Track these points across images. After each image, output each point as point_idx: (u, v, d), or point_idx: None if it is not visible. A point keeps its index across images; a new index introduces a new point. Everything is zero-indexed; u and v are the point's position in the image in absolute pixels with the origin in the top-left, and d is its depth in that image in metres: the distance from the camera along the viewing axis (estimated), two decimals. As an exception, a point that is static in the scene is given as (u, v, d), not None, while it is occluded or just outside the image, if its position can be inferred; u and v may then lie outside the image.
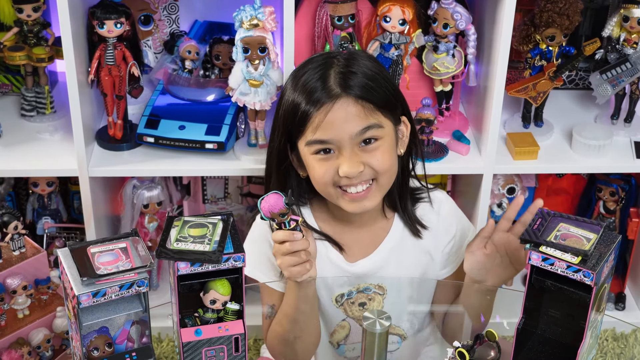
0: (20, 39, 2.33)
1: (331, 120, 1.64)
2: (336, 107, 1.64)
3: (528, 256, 1.41)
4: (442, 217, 1.86)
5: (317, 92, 1.65)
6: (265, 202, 1.50)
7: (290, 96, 1.70)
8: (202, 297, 1.45)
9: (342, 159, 1.66)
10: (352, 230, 1.82)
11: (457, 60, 2.24)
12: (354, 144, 1.66)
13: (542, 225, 1.44)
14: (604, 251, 1.39)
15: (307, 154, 1.69)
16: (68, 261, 1.39)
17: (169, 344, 2.42)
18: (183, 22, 2.52)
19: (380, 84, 1.69)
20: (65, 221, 2.53)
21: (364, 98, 1.65)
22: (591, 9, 2.52)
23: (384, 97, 1.68)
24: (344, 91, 1.64)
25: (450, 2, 2.17)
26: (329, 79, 1.66)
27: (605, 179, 2.50)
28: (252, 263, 1.77)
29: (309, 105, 1.65)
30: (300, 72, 1.72)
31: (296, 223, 1.55)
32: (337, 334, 1.86)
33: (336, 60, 1.70)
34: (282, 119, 1.72)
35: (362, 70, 1.68)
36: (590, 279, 1.35)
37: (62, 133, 2.33)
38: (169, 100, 2.31)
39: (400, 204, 1.81)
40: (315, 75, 1.67)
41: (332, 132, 1.65)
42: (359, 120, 1.65)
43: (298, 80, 1.70)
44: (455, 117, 2.40)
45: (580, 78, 2.60)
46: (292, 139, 1.72)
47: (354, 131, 1.65)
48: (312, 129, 1.66)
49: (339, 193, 1.70)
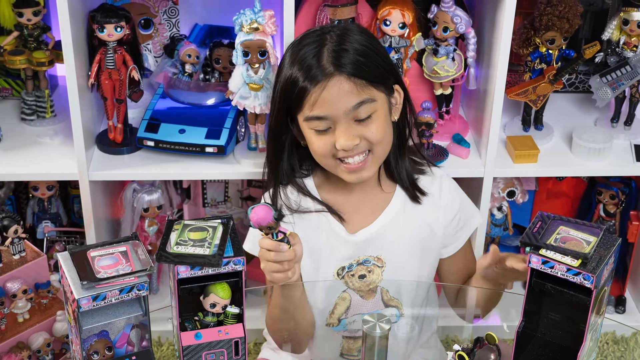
0: (20, 43, 2.33)
1: (326, 97, 1.71)
2: (330, 84, 1.71)
3: (528, 259, 1.41)
4: (443, 191, 1.90)
5: (312, 69, 1.72)
6: (254, 213, 1.49)
7: (287, 71, 1.76)
8: (202, 301, 1.45)
9: (338, 133, 1.73)
10: (353, 200, 1.87)
11: (457, 64, 2.24)
12: (348, 118, 1.73)
13: (542, 228, 1.44)
14: (604, 254, 1.39)
15: (305, 128, 1.77)
16: (68, 265, 1.39)
17: (169, 347, 2.42)
18: (183, 26, 2.52)
19: (371, 58, 1.76)
20: (66, 225, 2.53)
21: (356, 75, 1.72)
22: (591, 12, 2.52)
23: (375, 71, 1.75)
24: (336, 69, 1.71)
25: (450, 6, 2.17)
26: (323, 57, 1.73)
27: (606, 182, 2.50)
28: (255, 240, 1.82)
29: (305, 82, 1.72)
30: (297, 47, 1.78)
31: (284, 235, 1.55)
32: (337, 307, 1.88)
33: (329, 36, 1.76)
34: (280, 93, 1.79)
35: (354, 46, 1.74)
36: (590, 282, 1.35)
37: (62, 137, 2.33)
38: (169, 104, 2.31)
39: (398, 170, 1.87)
40: (310, 52, 1.74)
41: (328, 109, 1.72)
42: (352, 97, 1.72)
43: (295, 56, 1.76)
44: (455, 120, 2.40)
45: (580, 81, 2.60)
46: (292, 112, 1.79)
47: (348, 107, 1.72)
48: (309, 106, 1.73)
49: (338, 164, 1.78)
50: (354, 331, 1.89)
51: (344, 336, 1.90)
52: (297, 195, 1.87)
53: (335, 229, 1.85)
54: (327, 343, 1.92)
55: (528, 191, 2.56)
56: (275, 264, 1.60)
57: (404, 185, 1.88)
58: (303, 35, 1.81)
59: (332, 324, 1.88)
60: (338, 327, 1.89)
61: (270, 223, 1.51)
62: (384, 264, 1.87)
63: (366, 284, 1.87)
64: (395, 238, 1.86)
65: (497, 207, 2.50)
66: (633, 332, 2.47)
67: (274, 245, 1.56)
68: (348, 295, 1.87)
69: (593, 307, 1.39)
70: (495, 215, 2.50)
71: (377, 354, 1.52)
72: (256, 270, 2.40)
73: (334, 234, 1.85)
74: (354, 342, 1.90)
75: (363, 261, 1.86)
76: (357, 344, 1.90)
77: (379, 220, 1.86)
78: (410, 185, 1.87)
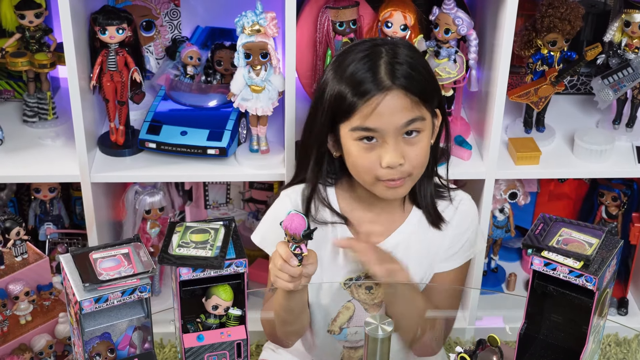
0: (22, 45, 2.33)
1: (381, 111, 1.68)
2: (387, 98, 1.68)
3: (530, 261, 1.41)
4: (458, 212, 1.88)
5: (367, 82, 1.69)
6: (290, 219, 1.51)
7: (336, 85, 1.73)
8: (204, 303, 1.45)
9: (386, 148, 1.71)
10: (371, 215, 1.85)
11: (458, 66, 2.24)
12: (398, 134, 1.71)
13: (544, 230, 1.44)
14: (606, 256, 1.39)
15: (349, 138, 1.73)
16: (70, 267, 1.39)
17: (171, 349, 2.42)
18: (185, 28, 2.52)
19: (423, 75, 1.74)
20: (67, 227, 2.53)
21: (411, 91, 1.70)
22: (592, 14, 2.52)
23: (425, 87, 1.74)
24: (393, 83, 1.69)
25: (452, 8, 2.17)
26: (380, 69, 1.70)
27: (607, 184, 2.50)
28: (265, 235, 1.86)
29: (358, 94, 1.69)
30: (345, 61, 1.74)
31: (300, 253, 1.56)
32: (340, 316, 1.87)
33: (384, 50, 1.73)
34: (328, 104, 1.74)
35: (408, 60, 1.73)
36: (592, 284, 1.35)
37: (64, 139, 2.33)
38: (170, 106, 2.31)
39: (422, 192, 1.85)
40: (364, 65, 1.71)
41: (380, 122, 1.69)
42: (406, 112, 1.70)
43: (345, 69, 1.73)
44: (457, 122, 2.40)
45: (581, 83, 2.60)
46: (335, 121, 1.76)
47: (401, 122, 1.70)
48: (360, 117, 1.70)
49: (378, 182, 1.75)
50: (355, 342, 1.88)
51: (345, 346, 1.90)
52: (317, 203, 1.85)
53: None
54: (328, 350, 1.91)
55: (530, 193, 2.56)
56: (280, 271, 1.60)
57: (425, 209, 1.85)
58: (350, 46, 1.79)
59: (333, 331, 1.88)
60: (339, 336, 1.88)
61: (296, 236, 1.52)
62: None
63: (372, 297, 1.86)
64: (403, 251, 1.85)
65: (499, 209, 2.50)
66: (636, 334, 2.47)
67: (286, 255, 1.56)
68: (352, 305, 1.86)
69: (595, 309, 1.39)
70: (497, 217, 2.50)
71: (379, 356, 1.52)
72: (258, 272, 2.40)
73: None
74: (354, 352, 1.89)
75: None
76: (358, 353, 1.89)
77: (392, 237, 1.85)
78: (432, 210, 1.85)
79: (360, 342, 1.87)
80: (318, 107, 1.77)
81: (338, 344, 1.89)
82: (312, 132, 1.80)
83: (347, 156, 1.76)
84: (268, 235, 1.86)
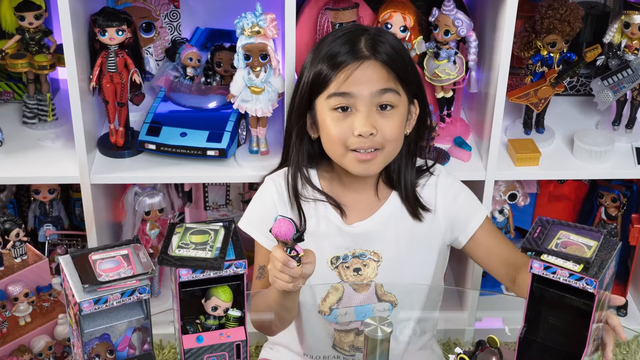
0: (22, 47, 2.34)
1: (356, 75, 1.74)
2: (363, 65, 1.74)
3: (530, 265, 1.40)
4: (439, 191, 1.90)
5: (343, 53, 1.75)
6: (277, 226, 1.51)
7: (313, 66, 1.78)
8: (203, 304, 1.45)
9: (358, 116, 1.74)
10: (352, 194, 1.88)
11: (458, 67, 2.24)
12: (372, 104, 1.74)
13: (542, 234, 1.44)
14: (605, 258, 1.39)
15: (325, 109, 1.77)
16: (69, 268, 1.39)
17: (171, 350, 2.42)
18: (184, 29, 2.53)
19: (404, 58, 1.80)
20: (67, 228, 2.53)
21: (390, 65, 1.75)
22: (592, 16, 2.52)
23: (405, 69, 1.79)
24: (372, 54, 1.75)
25: (452, 9, 2.17)
26: (359, 42, 1.76)
27: (607, 185, 2.50)
28: (251, 220, 1.89)
29: (334, 65, 1.75)
30: (323, 43, 1.81)
31: (297, 254, 1.56)
32: (330, 297, 1.88)
33: (368, 30, 1.80)
34: (306, 84, 1.79)
35: (390, 42, 1.79)
36: (593, 287, 1.35)
37: (64, 140, 2.33)
38: (170, 107, 2.31)
39: (400, 180, 1.87)
40: (342, 40, 1.77)
41: (356, 87, 1.74)
42: (381, 81, 1.75)
43: (322, 49, 1.79)
44: (456, 123, 2.40)
45: (581, 84, 2.61)
46: (313, 98, 1.80)
47: (375, 89, 1.74)
48: (337, 83, 1.74)
49: (348, 152, 1.78)
50: (344, 324, 1.90)
51: (336, 329, 1.90)
52: (299, 183, 1.87)
53: (332, 217, 1.86)
54: (319, 334, 1.93)
55: (529, 194, 2.56)
56: (280, 273, 1.60)
57: (404, 197, 1.87)
58: (328, 35, 1.85)
59: (323, 311, 1.89)
60: (329, 317, 1.89)
61: (287, 240, 1.52)
62: (380, 259, 1.87)
63: (360, 278, 1.87)
64: (392, 235, 1.87)
65: (499, 210, 2.50)
66: (635, 335, 2.47)
67: (284, 259, 1.56)
68: (341, 287, 1.88)
69: (595, 312, 1.39)
70: (496, 218, 2.50)
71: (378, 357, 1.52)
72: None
73: (330, 222, 1.86)
74: (345, 335, 1.91)
75: (359, 254, 1.87)
76: (348, 337, 1.90)
77: (375, 216, 1.87)
78: (412, 200, 1.87)
79: (351, 324, 1.89)
80: (297, 91, 1.83)
81: (328, 326, 1.90)
82: (292, 114, 1.85)
83: (322, 130, 1.80)
84: (256, 221, 1.88)
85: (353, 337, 1.91)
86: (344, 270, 1.88)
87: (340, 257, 1.87)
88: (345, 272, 1.88)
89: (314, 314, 1.89)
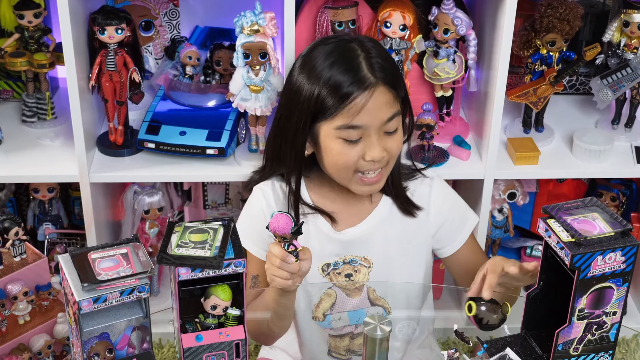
0: (21, 45, 2.34)
1: (368, 108, 1.71)
2: (374, 95, 1.71)
3: (537, 225, 1.43)
4: (432, 193, 1.89)
5: (350, 82, 1.70)
6: (275, 220, 1.51)
7: (313, 87, 1.72)
8: (202, 303, 1.45)
9: (369, 143, 1.73)
10: (341, 203, 1.87)
11: (457, 66, 2.24)
12: (380, 130, 1.74)
13: (577, 208, 1.44)
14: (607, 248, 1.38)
15: (330, 137, 1.74)
16: (69, 267, 1.39)
17: (170, 349, 2.42)
18: (184, 28, 2.53)
19: (392, 64, 1.79)
20: (66, 227, 2.53)
21: (391, 84, 1.73)
22: (591, 14, 2.52)
23: (399, 79, 1.77)
24: (376, 78, 1.71)
25: (451, 8, 2.17)
26: (361, 67, 1.72)
27: (606, 184, 2.50)
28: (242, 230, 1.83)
29: (341, 95, 1.70)
30: (317, 61, 1.74)
31: (295, 249, 1.56)
32: (323, 303, 1.88)
33: (356, 46, 1.75)
34: (307, 107, 1.74)
35: (379, 53, 1.76)
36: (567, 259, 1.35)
37: (63, 139, 2.33)
38: (169, 106, 2.31)
39: (389, 182, 1.86)
40: (341, 64, 1.71)
41: (366, 119, 1.71)
42: (388, 107, 1.73)
43: (321, 70, 1.72)
44: (455, 122, 2.40)
45: (580, 83, 2.61)
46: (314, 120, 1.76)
47: (385, 118, 1.73)
48: (346, 116, 1.71)
49: (354, 176, 1.77)
50: (339, 329, 1.90)
51: (330, 334, 1.90)
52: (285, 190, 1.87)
53: (321, 225, 1.86)
54: (315, 340, 1.93)
55: (529, 193, 2.56)
56: (279, 271, 1.60)
57: (395, 197, 1.87)
58: (317, 44, 1.79)
59: (317, 317, 1.89)
60: (323, 323, 1.89)
61: (286, 234, 1.52)
62: (371, 265, 1.87)
63: (352, 283, 1.87)
64: (382, 240, 1.87)
65: (498, 209, 2.50)
66: (634, 334, 2.47)
67: (282, 254, 1.57)
68: (334, 292, 1.88)
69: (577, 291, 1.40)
70: (495, 217, 2.50)
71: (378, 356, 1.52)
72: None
73: (319, 230, 1.86)
74: (340, 340, 1.91)
75: (350, 260, 1.87)
76: (344, 342, 1.90)
77: (366, 221, 1.87)
78: (403, 198, 1.87)
79: (345, 328, 1.89)
80: (292, 109, 1.77)
81: (323, 332, 1.90)
82: (286, 132, 1.79)
83: (326, 153, 1.77)
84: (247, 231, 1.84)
85: (348, 342, 1.91)
86: (335, 277, 1.87)
87: (331, 264, 1.87)
88: (337, 279, 1.88)
89: (308, 320, 1.89)
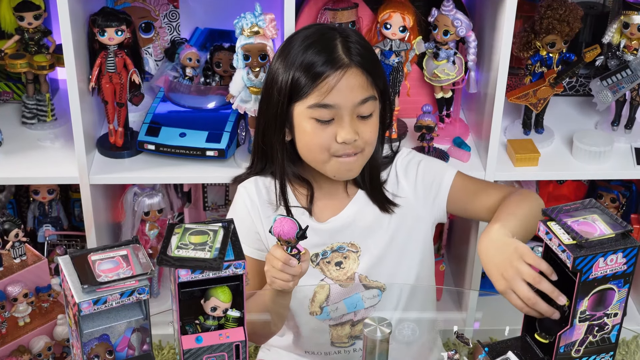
0: (21, 47, 2.34)
1: (341, 86, 1.72)
2: (346, 75, 1.72)
3: (538, 227, 1.43)
4: (398, 172, 1.89)
5: (323, 61, 1.72)
6: (280, 225, 1.52)
7: (289, 72, 1.74)
8: (202, 304, 1.45)
9: (341, 124, 1.74)
10: (321, 195, 1.88)
11: (457, 67, 2.25)
12: (353, 112, 1.74)
13: (577, 209, 1.44)
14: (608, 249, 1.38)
15: (303, 116, 1.75)
16: (69, 269, 1.38)
17: (170, 351, 2.42)
18: (184, 30, 2.53)
19: (373, 56, 1.80)
20: (66, 229, 2.53)
21: (367, 69, 1.74)
22: (591, 16, 2.52)
23: (376, 69, 1.79)
24: (351, 60, 1.73)
25: (451, 9, 2.17)
26: (336, 48, 1.74)
27: (606, 185, 2.50)
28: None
29: (315, 73, 1.72)
30: (294, 47, 1.76)
31: (298, 252, 1.56)
32: (317, 296, 1.88)
33: (335, 32, 1.77)
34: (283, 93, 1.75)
35: (359, 41, 1.78)
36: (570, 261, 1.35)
37: (63, 141, 2.33)
38: (169, 107, 2.32)
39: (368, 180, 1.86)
40: (317, 46, 1.74)
41: (339, 98, 1.72)
42: (362, 91, 1.74)
43: (296, 55, 1.74)
44: (455, 123, 2.41)
45: (580, 84, 2.61)
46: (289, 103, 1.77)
47: (357, 100, 1.73)
48: (319, 93, 1.72)
49: (330, 158, 1.77)
50: (338, 318, 1.90)
51: (331, 325, 1.90)
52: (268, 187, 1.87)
53: (305, 220, 1.86)
54: (316, 334, 1.92)
55: (529, 194, 2.56)
56: (279, 273, 1.60)
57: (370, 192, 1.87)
58: (296, 34, 1.81)
59: (315, 312, 1.89)
60: (321, 316, 1.89)
61: (291, 239, 1.53)
62: (358, 249, 1.88)
63: (343, 272, 1.87)
64: (365, 224, 1.87)
65: (498, 211, 2.50)
66: (634, 336, 2.47)
67: (285, 258, 1.57)
68: (326, 284, 1.88)
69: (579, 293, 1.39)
70: (496, 219, 2.50)
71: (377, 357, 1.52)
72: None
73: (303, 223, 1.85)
74: (341, 329, 1.91)
75: (337, 248, 1.87)
76: (345, 330, 1.90)
77: (346, 210, 1.87)
78: (378, 194, 1.87)
79: (344, 317, 1.89)
80: (271, 93, 1.78)
81: (323, 325, 1.90)
82: (267, 118, 1.80)
83: (300, 135, 1.78)
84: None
85: (349, 329, 1.91)
86: (326, 265, 1.88)
87: (319, 254, 1.87)
88: (327, 267, 1.88)
89: (306, 316, 1.89)
